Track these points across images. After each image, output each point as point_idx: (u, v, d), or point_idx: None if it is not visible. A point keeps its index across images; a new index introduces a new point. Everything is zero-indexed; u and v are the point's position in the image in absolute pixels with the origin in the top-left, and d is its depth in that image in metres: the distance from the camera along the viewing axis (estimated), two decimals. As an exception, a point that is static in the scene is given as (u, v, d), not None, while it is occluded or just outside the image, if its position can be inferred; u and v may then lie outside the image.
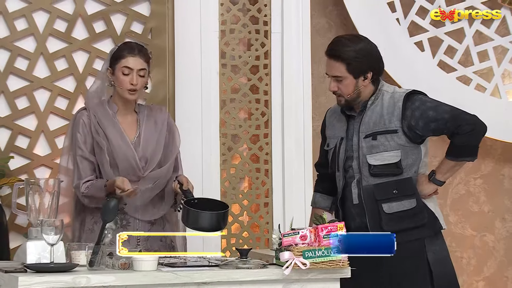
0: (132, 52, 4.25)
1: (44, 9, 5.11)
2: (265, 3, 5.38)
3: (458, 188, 5.82)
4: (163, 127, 4.36)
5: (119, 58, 4.25)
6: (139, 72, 4.24)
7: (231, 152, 5.36)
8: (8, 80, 5.06)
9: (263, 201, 5.37)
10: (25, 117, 5.09)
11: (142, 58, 4.26)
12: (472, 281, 5.78)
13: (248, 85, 5.39)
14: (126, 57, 4.24)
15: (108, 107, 4.31)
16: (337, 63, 4.11)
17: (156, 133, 4.34)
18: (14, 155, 5.04)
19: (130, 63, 4.23)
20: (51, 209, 3.92)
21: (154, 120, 4.36)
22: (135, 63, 4.23)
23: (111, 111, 4.30)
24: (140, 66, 4.24)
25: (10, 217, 4.95)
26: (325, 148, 4.32)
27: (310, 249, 3.64)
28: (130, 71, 4.23)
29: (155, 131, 4.34)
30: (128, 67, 4.23)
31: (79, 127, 4.28)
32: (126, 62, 4.23)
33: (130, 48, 4.27)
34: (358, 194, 4.12)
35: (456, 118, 4.04)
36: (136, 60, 4.24)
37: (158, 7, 5.23)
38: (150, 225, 4.30)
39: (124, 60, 4.24)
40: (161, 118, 4.37)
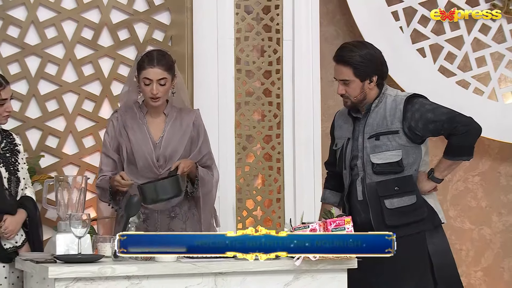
0: (151, 63, 4.22)
1: (72, 19, 5.14)
2: (278, 12, 5.39)
3: (457, 185, 5.81)
4: (187, 128, 4.35)
5: (140, 69, 4.25)
6: (159, 82, 4.22)
7: (246, 151, 5.37)
8: (39, 85, 5.09)
9: (275, 196, 5.38)
10: (55, 118, 5.11)
11: (162, 68, 4.23)
12: (470, 271, 5.77)
13: (262, 89, 5.40)
14: (146, 69, 4.22)
15: (140, 109, 4.33)
16: (344, 67, 4.12)
17: (180, 133, 4.33)
18: (45, 154, 5.06)
19: (150, 74, 4.22)
20: (79, 204, 3.95)
21: (180, 121, 4.35)
22: (154, 74, 4.21)
23: (141, 113, 4.32)
24: (159, 76, 4.22)
25: (41, 211, 4.98)
26: (333, 148, 4.33)
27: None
28: (150, 82, 4.22)
29: (179, 131, 4.33)
30: (148, 78, 4.22)
31: (108, 127, 4.35)
32: (146, 74, 4.22)
33: (150, 59, 4.24)
34: (362, 191, 4.12)
35: (452, 119, 4.04)
36: (155, 71, 4.22)
37: (178, 16, 5.25)
38: (170, 219, 4.30)
39: (144, 71, 4.23)
40: (187, 120, 4.37)
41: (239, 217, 5.32)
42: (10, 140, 4.17)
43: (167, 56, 4.31)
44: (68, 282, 3.42)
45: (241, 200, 5.34)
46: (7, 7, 5.04)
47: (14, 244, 4.02)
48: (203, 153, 4.37)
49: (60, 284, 3.41)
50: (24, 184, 4.14)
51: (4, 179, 4.02)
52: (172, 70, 4.29)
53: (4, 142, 4.13)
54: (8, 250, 4.01)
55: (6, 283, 4.01)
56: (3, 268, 4.01)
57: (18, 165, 4.13)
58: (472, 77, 5.71)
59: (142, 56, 4.29)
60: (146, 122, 4.33)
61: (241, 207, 5.33)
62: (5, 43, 5.04)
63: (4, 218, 3.97)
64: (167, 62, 4.27)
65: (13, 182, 4.07)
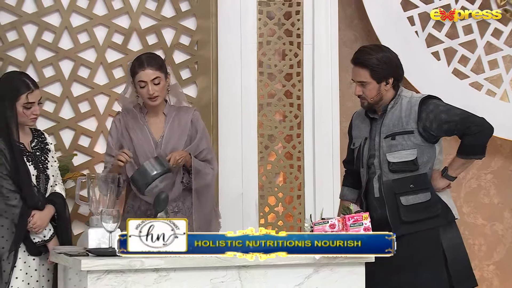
0: (142, 66, 4.22)
1: (103, 24, 5.16)
2: (298, 18, 5.39)
3: (470, 183, 5.79)
4: (186, 126, 4.34)
5: (133, 74, 4.25)
6: (153, 81, 4.22)
7: (268, 150, 5.37)
8: (72, 87, 5.12)
9: (296, 193, 5.38)
10: (87, 119, 5.14)
11: (153, 68, 4.22)
12: (483, 265, 5.75)
13: (283, 90, 5.40)
14: (138, 73, 4.23)
15: (140, 110, 4.34)
16: (361, 70, 4.11)
17: (179, 132, 4.33)
18: (77, 152, 5.09)
19: (143, 77, 4.22)
20: (109, 200, 3.96)
21: (178, 120, 4.35)
22: (147, 75, 4.21)
23: (141, 114, 4.33)
24: (152, 76, 4.22)
25: (74, 207, 5.02)
26: (351, 147, 4.32)
27: (338, 236, 3.65)
28: (145, 83, 4.22)
29: (178, 130, 4.33)
30: (143, 81, 4.22)
31: (112, 129, 4.37)
32: (139, 77, 4.22)
33: (140, 63, 4.24)
34: (379, 188, 4.11)
35: (465, 120, 4.02)
36: (147, 72, 4.22)
37: (204, 22, 5.26)
38: (174, 214, 4.27)
39: (138, 75, 4.23)
40: (186, 118, 4.36)
41: (262, 213, 5.32)
42: (41, 139, 4.19)
43: (156, 57, 4.32)
44: (99, 274, 3.43)
45: (263, 197, 5.34)
46: (42, 14, 5.07)
47: (43, 238, 4.04)
48: (201, 148, 4.35)
49: (92, 276, 3.42)
50: (54, 181, 4.16)
51: (33, 177, 4.05)
52: (164, 68, 4.28)
53: (35, 141, 4.15)
54: (37, 244, 4.03)
55: (37, 275, 4.04)
56: (33, 261, 4.03)
57: (47, 163, 4.14)
58: (484, 79, 5.69)
59: (132, 62, 4.30)
60: (147, 123, 4.34)
61: (263, 203, 5.34)
62: (40, 48, 5.07)
63: (32, 213, 3.99)
64: (157, 62, 4.27)
65: (42, 179, 4.09)
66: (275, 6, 5.38)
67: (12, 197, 3.94)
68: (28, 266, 4.02)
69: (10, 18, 5.02)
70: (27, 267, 4.02)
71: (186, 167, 4.29)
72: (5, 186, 3.94)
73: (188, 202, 4.32)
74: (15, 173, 3.96)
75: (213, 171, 4.36)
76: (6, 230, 3.95)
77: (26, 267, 4.01)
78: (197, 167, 4.27)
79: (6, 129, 3.98)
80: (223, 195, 5.09)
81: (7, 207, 3.94)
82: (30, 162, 4.06)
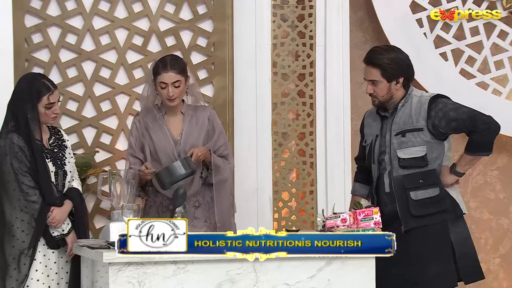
0: (165, 69, 4.21)
1: (124, 27, 5.16)
2: (311, 20, 5.38)
3: (477, 179, 5.77)
4: (203, 124, 4.34)
5: (156, 74, 4.24)
6: (174, 84, 4.21)
7: (281, 147, 5.37)
8: (94, 87, 5.12)
9: (308, 189, 5.37)
10: (108, 118, 5.14)
11: (175, 71, 4.21)
12: (489, 258, 5.73)
13: (296, 90, 5.40)
14: (161, 74, 4.21)
15: (159, 110, 4.34)
16: (373, 69, 4.10)
17: (197, 129, 4.32)
18: (99, 150, 5.10)
19: (165, 78, 4.20)
20: (130, 195, 3.97)
21: (196, 118, 4.34)
22: (169, 78, 4.20)
23: (160, 114, 4.33)
24: (173, 79, 4.20)
25: (96, 202, 5.03)
26: (363, 144, 4.31)
27: (349, 230, 3.64)
28: (166, 85, 4.21)
29: (195, 128, 4.32)
30: (164, 82, 4.21)
31: (132, 130, 4.36)
32: (161, 78, 4.21)
33: (164, 64, 4.23)
34: (389, 183, 4.10)
35: (473, 118, 4.01)
36: (170, 75, 4.20)
37: (220, 24, 5.26)
38: (195, 208, 4.29)
39: (160, 76, 4.21)
40: (203, 116, 4.35)
41: (275, 207, 5.32)
42: (58, 136, 4.21)
43: (179, 60, 4.31)
44: (120, 266, 3.44)
45: (277, 192, 5.34)
46: (66, 17, 5.08)
47: (61, 232, 4.05)
48: (219, 144, 4.35)
49: (114, 268, 3.43)
50: (71, 176, 4.18)
51: (52, 173, 4.07)
52: (185, 72, 4.27)
53: (52, 138, 4.18)
54: (56, 238, 4.05)
55: (56, 267, 4.06)
56: (52, 254, 4.05)
57: (65, 159, 4.16)
58: (491, 79, 5.66)
59: (156, 62, 4.28)
60: (166, 122, 4.33)
61: (277, 199, 5.33)
62: (64, 49, 5.08)
63: (51, 209, 4.01)
64: (180, 66, 4.25)
65: (60, 175, 4.11)
66: (288, 9, 5.37)
67: (32, 193, 3.96)
68: (47, 259, 4.04)
69: (35, 21, 5.03)
70: (46, 260, 4.03)
71: (205, 163, 4.29)
72: (25, 183, 3.96)
73: (208, 197, 4.32)
74: (34, 170, 3.99)
75: (230, 166, 4.37)
76: (27, 224, 3.97)
77: (46, 260, 4.03)
78: (216, 162, 4.28)
79: (26, 128, 4.00)
80: (239, 190, 5.08)
81: (27, 203, 3.96)
82: (49, 159, 4.08)
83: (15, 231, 3.97)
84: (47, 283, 4.02)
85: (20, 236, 3.97)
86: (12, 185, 3.96)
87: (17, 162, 3.96)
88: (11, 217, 3.97)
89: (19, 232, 3.97)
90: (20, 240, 3.96)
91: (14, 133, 4.01)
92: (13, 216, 3.97)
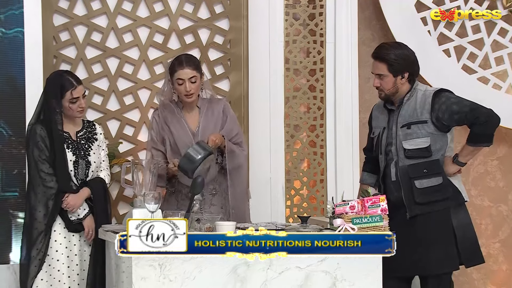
0: (181, 66, 4.23)
1: (145, 25, 5.16)
2: (321, 19, 5.36)
3: (478, 168, 5.73)
4: (218, 115, 4.35)
5: (172, 72, 4.25)
6: (190, 80, 4.22)
7: (293, 139, 5.36)
8: (118, 82, 5.12)
9: (319, 178, 5.36)
10: (131, 111, 5.14)
11: (191, 68, 4.23)
12: (489, 243, 5.70)
13: (307, 85, 5.38)
14: (177, 71, 4.23)
15: (176, 105, 4.34)
16: (380, 63, 4.10)
17: (213, 121, 4.33)
18: (123, 141, 5.10)
19: (181, 75, 4.22)
20: (152, 183, 3.98)
21: (212, 111, 4.35)
22: (185, 74, 4.22)
23: (178, 108, 4.33)
24: (190, 75, 4.22)
25: (120, 190, 5.04)
26: (371, 136, 4.31)
27: (358, 217, 3.62)
28: (183, 81, 4.22)
29: (211, 120, 4.33)
30: (181, 79, 4.22)
31: (153, 124, 4.38)
32: (178, 75, 4.23)
33: (180, 62, 4.25)
34: (395, 172, 4.09)
35: (474, 111, 4.00)
36: (186, 72, 4.22)
37: (236, 23, 5.24)
38: (212, 196, 4.30)
39: (176, 73, 4.23)
40: (218, 108, 4.36)
41: (288, 195, 5.32)
42: (90, 130, 4.30)
43: (193, 58, 4.33)
44: (142, 250, 3.43)
45: (289, 181, 5.33)
46: (91, 16, 5.08)
47: (77, 217, 4.17)
48: (234, 132, 4.35)
49: (136, 252, 3.43)
50: (96, 167, 4.26)
51: (70, 162, 4.16)
52: (199, 69, 4.29)
53: (83, 131, 4.27)
54: (73, 222, 4.17)
55: (76, 249, 4.19)
56: (73, 236, 4.18)
57: (90, 150, 4.24)
58: (491, 74, 5.62)
59: (172, 61, 4.30)
60: (183, 116, 4.33)
61: (289, 187, 5.33)
62: (89, 47, 5.08)
63: (66, 195, 4.12)
64: (194, 63, 4.28)
65: (81, 164, 4.19)
66: (300, 8, 5.36)
67: (49, 179, 4.10)
68: (68, 241, 4.16)
69: (62, 20, 5.04)
70: (67, 241, 4.16)
71: (220, 149, 4.29)
72: (43, 170, 4.10)
73: (224, 185, 4.32)
74: (52, 159, 4.10)
75: (244, 152, 4.38)
76: (43, 206, 4.11)
77: (67, 242, 4.16)
78: (230, 147, 4.29)
79: (49, 120, 4.13)
80: (253, 179, 5.08)
81: (45, 188, 4.10)
82: (70, 149, 4.16)
83: (37, 215, 4.11)
84: (66, 263, 4.13)
85: (41, 219, 4.10)
86: (33, 172, 4.11)
87: (38, 151, 4.10)
88: (35, 202, 4.12)
89: (41, 215, 4.11)
90: (41, 223, 4.10)
91: (39, 124, 4.15)
92: (35, 201, 4.11)
